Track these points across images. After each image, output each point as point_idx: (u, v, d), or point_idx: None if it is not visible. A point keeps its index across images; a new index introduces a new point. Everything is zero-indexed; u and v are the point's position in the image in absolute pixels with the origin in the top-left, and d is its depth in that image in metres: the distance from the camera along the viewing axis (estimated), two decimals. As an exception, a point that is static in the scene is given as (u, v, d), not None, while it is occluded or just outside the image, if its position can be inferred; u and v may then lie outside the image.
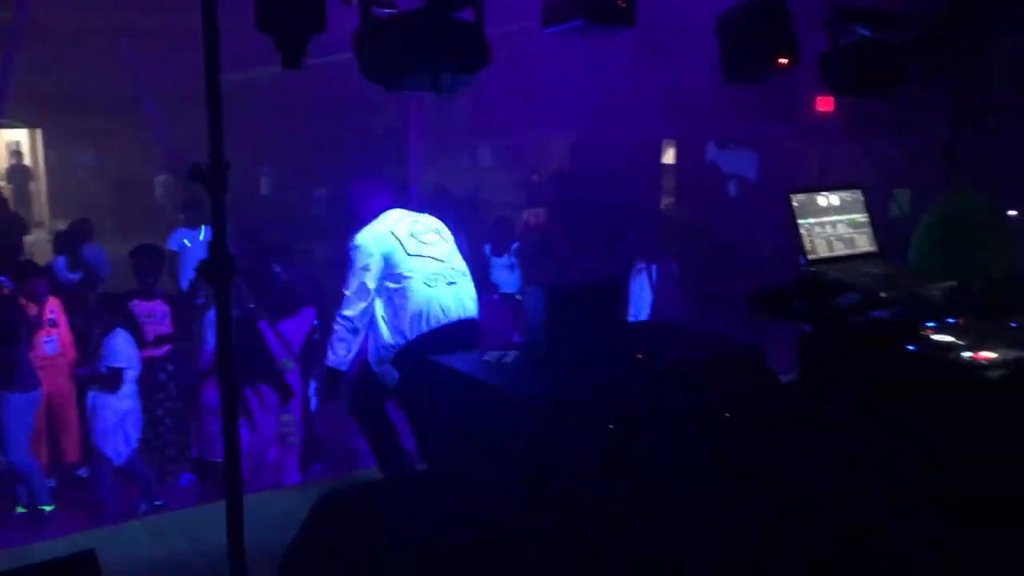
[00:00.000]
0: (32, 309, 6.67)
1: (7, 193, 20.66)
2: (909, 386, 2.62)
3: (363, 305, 4.57)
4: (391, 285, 4.59)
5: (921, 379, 2.62)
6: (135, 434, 6.43)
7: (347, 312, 4.58)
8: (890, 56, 4.38)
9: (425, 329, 4.55)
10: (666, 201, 15.83)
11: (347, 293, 4.58)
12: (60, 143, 19.62)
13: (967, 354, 2.64)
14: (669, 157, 15.74)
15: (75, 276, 8.16)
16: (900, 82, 4.43)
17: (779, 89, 4.41)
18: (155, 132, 8.85)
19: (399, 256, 4.56)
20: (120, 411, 6.35)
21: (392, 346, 4.61)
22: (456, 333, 4.59)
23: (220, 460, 6.74)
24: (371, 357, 4.70)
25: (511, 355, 4.13)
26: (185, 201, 8.84)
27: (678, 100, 12.28)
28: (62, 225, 11.10)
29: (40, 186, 19.69)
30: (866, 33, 4.29)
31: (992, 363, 2.58)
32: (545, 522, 3.56)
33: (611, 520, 3.56)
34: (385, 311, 4.63)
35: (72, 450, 6.97)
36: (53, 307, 6.87)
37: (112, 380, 6.30)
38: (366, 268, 4.54)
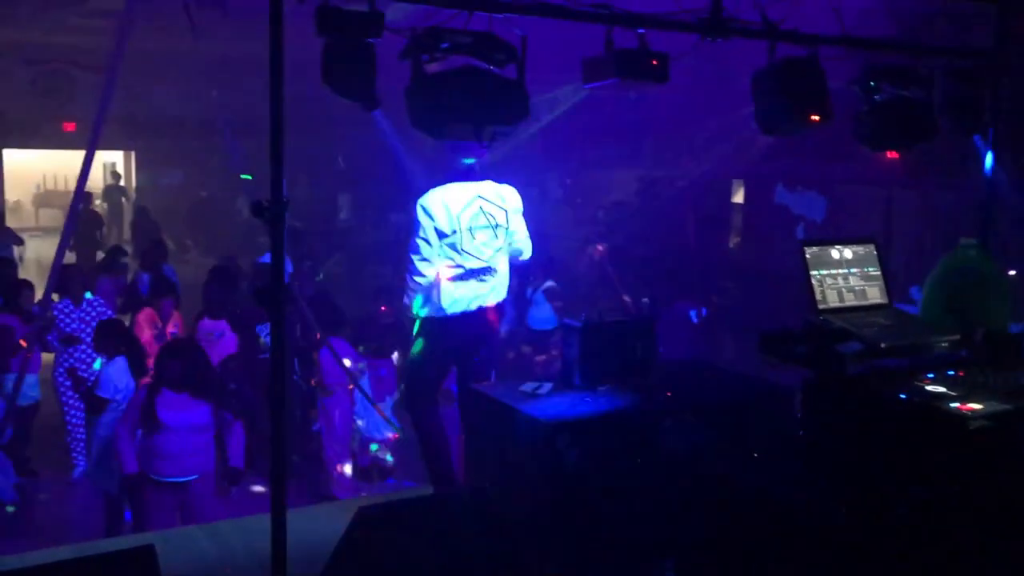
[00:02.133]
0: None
1: (101, 211, 21.80)
2: (895, 432, 2.80)
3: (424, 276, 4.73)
4: (429, 263, 4.71)
5: (907, 427, 2.79)
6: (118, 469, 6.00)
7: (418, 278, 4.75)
8: (921, 112, 4.55)
9: (446, 313, 4.77)
10: (734, 240, 15.90)
11: (416, 261, 4.71)
12: (150, 165, 20.61)
13: (954, 404, 2.80)
14: (738, 196, 15.83)
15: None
16: (930, 138, 4.58)
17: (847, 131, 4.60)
18: (231, 159, 9.36)
19: (446, 245, 4.69)
20: (106, 440, 6.11)
21: (423, 316, 4.83)
22: (476, 319, 4.84)
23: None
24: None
25: (546, 386, 4.40)
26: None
27: (748, 139, 12.42)
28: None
29: (131, 205, 20.65)
30: (897, 91, 4.46)
31: (975, 414, 2.74)
32: (573, 544, 3.80)
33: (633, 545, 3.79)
34: (419, 281, 4.75)
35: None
36: (176, 323, 7.47)
37: (96, 407, 6.23)
38: (429, 240, 4.66)
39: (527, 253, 5.19)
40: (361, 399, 7.88)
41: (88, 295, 7.59)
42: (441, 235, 4.67)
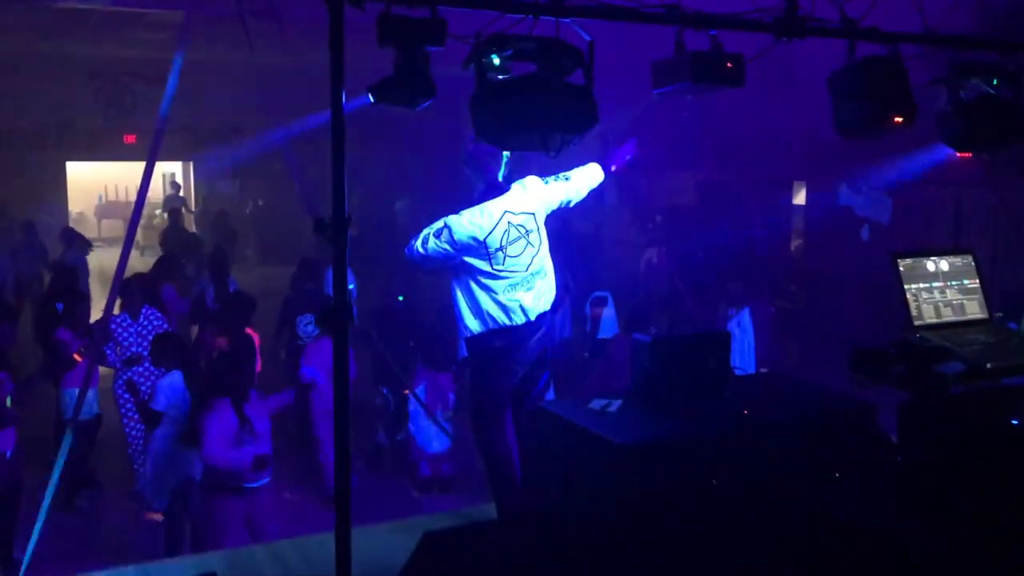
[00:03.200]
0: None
1: (158, 222, 22.11)
2: (1010, 461, 2.58)
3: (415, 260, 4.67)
4: (471, 281, 4.64)
5: (1018, 454, 2.57)
6: (170, 480, 6.24)
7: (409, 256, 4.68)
8: (1011, 111, 4.28)
9: (496, 326, 4.66)
10: (795, 243, 15.54)
11: (417, 246, 4.62)
12: (209, 175, 20.85)
13: (1073, 431, 2.58)
14: (800, 198, 15.47)
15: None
16: (1020, 139, 4.32)
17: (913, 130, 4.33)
18: (297, 183, 9.38)
19: (483, 267, 4.60)
20: (155, 454, 6.30)
21: (472, 334, 4.72)
22: (527, 332, 4.70)
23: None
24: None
25: (615, 404, 4.21)
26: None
27: (810, 139, 12.10)
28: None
29: (190, 215, 20.87)
30: (986, 89, 4.21)
31: (1098, 442, 2.51)
32: (645, 567, 3.61)
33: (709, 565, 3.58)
34: (465, 299, 4.70)
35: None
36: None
37: (151, 420, 6.32)
38: (442, 252, 4.58)
39: (596, 179, 5.05)
40: (415, 409, 7.86)
41: (145, 308, 7.61)
42: (465, 253, 4.58)
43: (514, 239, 4.65)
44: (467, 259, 4.61)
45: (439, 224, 4.60)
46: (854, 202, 13.80)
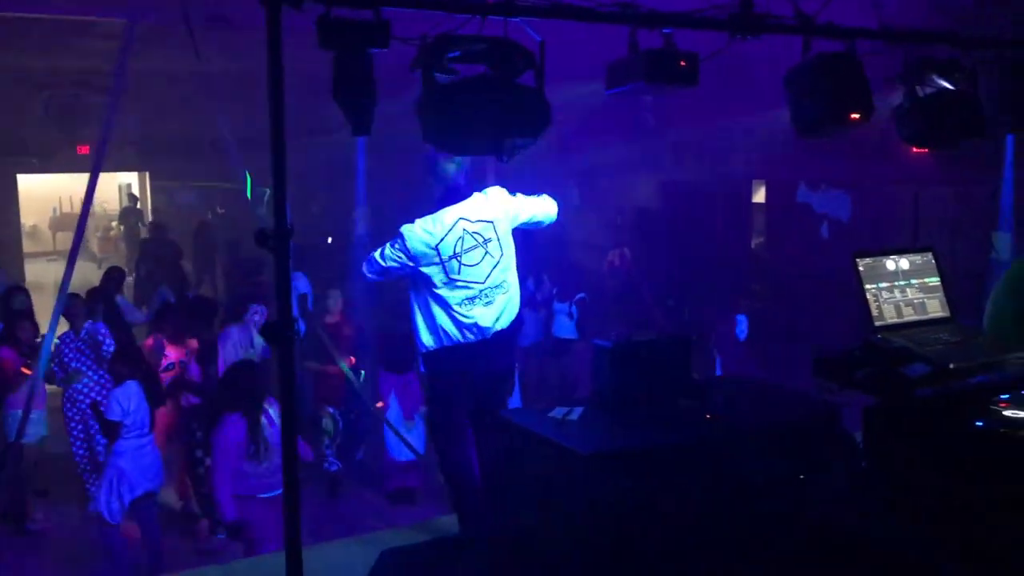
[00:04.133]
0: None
1: (115, 234, 21.72)
2: (975, 465, 2.51)
3: (371, 277, 4.69)
4: (428, 296, 4.58)
5: (987, 458, 2.50)
6: (128, 493, 6.13)
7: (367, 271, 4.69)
8: (968, 107, 4.25)
9: (450, 343, 4.58)
10: (756, 241, 15.58)
11: (376, 257, 4.61)
12: (164, 185, 20.53)
13: (1040, 432, 2.52)
14: (760, 196, 15.52)
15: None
16: (978, 134, 4.29)
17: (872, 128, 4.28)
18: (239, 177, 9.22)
19: (438, 278, 4.53)
20: (116, 467, 6.14)
21: (429, 349, 4.64)
22: (487, 348, 4.61)
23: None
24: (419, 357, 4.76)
25: (576, 411, 4.10)
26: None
27: (768, 140, 12.13)
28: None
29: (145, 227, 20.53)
30: (943, 84, 4.17)
31: (1066, 443, 2.45)
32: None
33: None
34: (421, 313, 4.63)
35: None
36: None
37: (109, 431, 6.18)
38: (398, 262, 4.55)
39: (550, 215, 4.94)
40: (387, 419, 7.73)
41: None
42: (420, 262, 4.50)
43: (470, 247, 4.54)
44: (423, 269, 4.51)
45: (394, 238, 4.55)
46: (812, 199, 13.87)
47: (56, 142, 17.45)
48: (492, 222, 4.64)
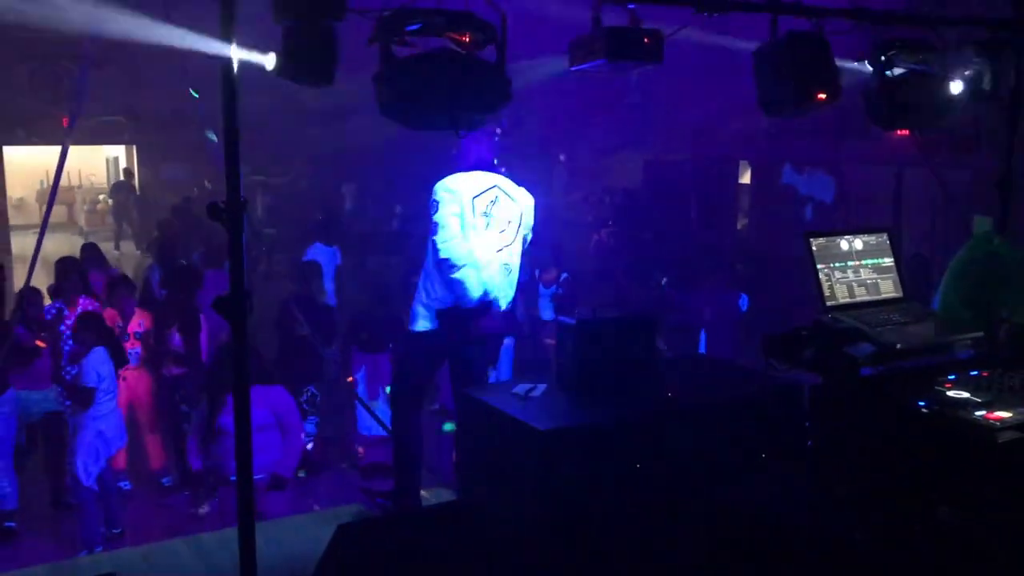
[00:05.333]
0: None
1: (102, 207, 21.58)
2: (914, 444, 2.52)
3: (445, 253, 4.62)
4: (432, 256, 4.62)
5: (928, 438, 2.51)
6: (104, 452, 6.27)
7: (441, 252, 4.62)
8: (937, 87, 4.24)
9: (444, 304, 4.65)
10: (741, 222, 15.59)
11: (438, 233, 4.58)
12: (151, 159, 20.43)
13: (980, 413, 2.52)
14: (745, 177, 15.53)
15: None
16: (948, 114, 4.28)
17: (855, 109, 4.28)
18: (213, 156, 9.21)
19: (453, 225, 4.57)
20: (94, 431, 6.23)
21: (433, 301, 4.69)
22: (472, 316, 4.69)
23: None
24: (413, 313, 4.77)
25: (540, 388, 4.11)
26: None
27: (752, 121, 12.12)
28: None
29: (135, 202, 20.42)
30: (910, 65, 4.15)
31: (1003, 424, 2.46)
32: (567, 557, 3.54)
33: (633, 554, 3.52)
34: (423, 273, 4.70)
35: (155, 458, 7.31)
36: (141, 320, 7.22)
37: (84, 399, 6.25)
38: (444, 220, 4.55)
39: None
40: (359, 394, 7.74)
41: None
42: (455, 201, 4.56)
43: (495, 215, 4.66)
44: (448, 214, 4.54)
45: (434, 202, 4.58)
46: (797, 181, 13.88)
47: (41, 115, 17.35)
48: (521, 212, 4.82)
